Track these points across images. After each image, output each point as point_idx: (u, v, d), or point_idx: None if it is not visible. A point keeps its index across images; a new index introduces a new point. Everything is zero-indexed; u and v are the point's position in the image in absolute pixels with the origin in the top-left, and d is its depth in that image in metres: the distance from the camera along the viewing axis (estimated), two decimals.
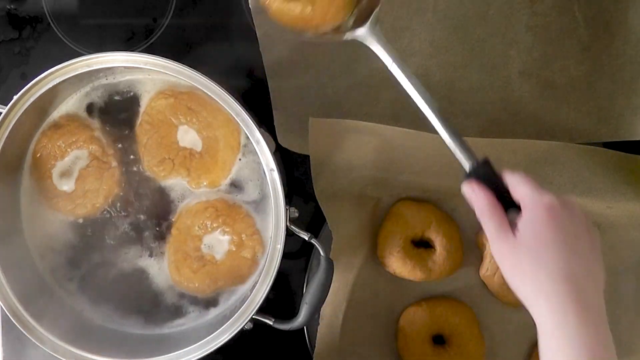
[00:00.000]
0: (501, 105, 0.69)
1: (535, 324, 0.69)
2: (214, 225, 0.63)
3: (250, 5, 0.65)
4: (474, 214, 0.69)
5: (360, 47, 0.68)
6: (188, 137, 0.63)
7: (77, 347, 0.59)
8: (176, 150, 0.63)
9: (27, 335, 0.58)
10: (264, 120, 0.66)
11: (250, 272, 0.63)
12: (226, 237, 0.63)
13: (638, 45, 0.68)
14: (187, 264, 0.63)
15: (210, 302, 0.64)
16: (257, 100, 0.68)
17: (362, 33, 0.55)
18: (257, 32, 0.66)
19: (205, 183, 0.63)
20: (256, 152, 0.57)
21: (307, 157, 0.65)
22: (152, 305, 0.64)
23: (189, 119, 0.62)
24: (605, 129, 0.69)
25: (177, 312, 0.64)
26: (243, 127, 0.57)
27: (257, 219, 0.63)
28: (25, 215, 0.63)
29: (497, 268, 0.67)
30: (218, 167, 0.63)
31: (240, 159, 0.63)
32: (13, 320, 0.58)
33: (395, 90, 0.68)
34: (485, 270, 0.68)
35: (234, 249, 0.63)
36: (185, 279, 0.63)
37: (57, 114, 0.63)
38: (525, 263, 0.48)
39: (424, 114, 0.52)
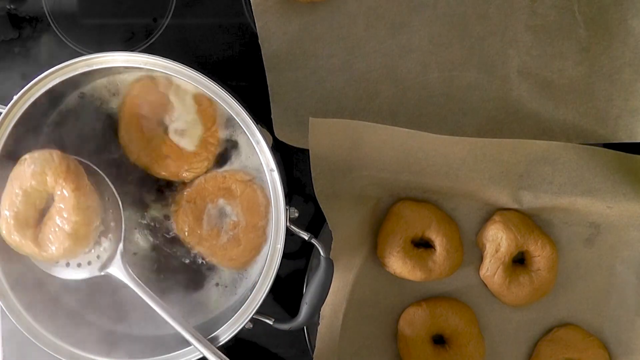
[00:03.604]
0: (499, 103, 0.69)
1: (535, 324, 0.69)
2: (214, 200, 0.62)
3: None
4: (474, 214, 0.70)
5: (359, 46, 0.69)
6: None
7: (77, 347, 0.59)
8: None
9: (26, 334, 0.58)
10: (262, 116, 0.67)
11: (266, 200, 0.62)
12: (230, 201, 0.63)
13: (637, 47, 0.68)
14: (223, 247, 0.62)
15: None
16: (255, 97, 0.69)
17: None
18: (256, 24, 0.66)
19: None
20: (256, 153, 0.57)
21: (307, 157, 0.65)
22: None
23: None
24: (603, 130, 0.69)
25: None
26: (243, 127, 0.57)
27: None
28: None
29: (497, 268, 0.67)
30: None
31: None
32: (12, 320, 0.58)
33: (394, 86, 0.69)
34: (485, 270, 0.68)
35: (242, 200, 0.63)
36: (238, 255, 0.62)
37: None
38: None
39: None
